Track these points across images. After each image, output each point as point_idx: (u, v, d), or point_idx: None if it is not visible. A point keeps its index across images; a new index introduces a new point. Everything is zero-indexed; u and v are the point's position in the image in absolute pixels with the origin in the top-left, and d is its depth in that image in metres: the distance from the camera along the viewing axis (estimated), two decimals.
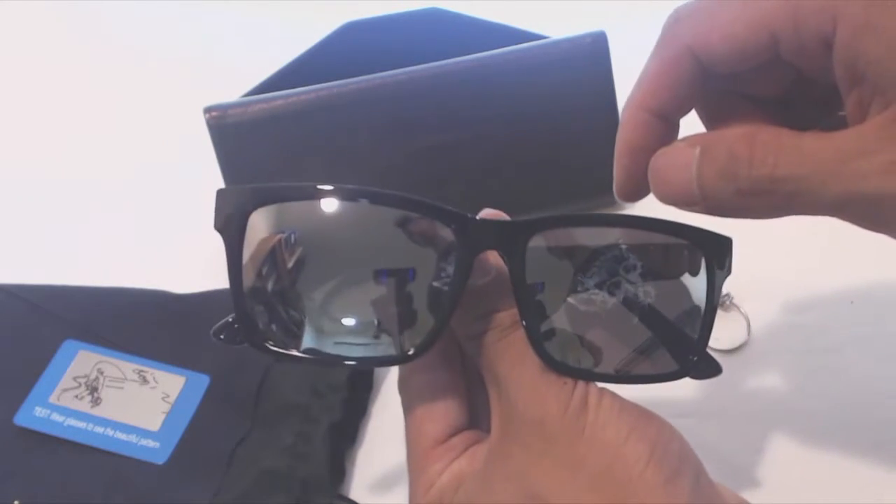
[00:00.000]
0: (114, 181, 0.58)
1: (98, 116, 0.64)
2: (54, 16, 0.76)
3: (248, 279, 0.28)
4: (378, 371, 0.45)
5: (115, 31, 0.74)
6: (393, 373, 0.45)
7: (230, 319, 0.28)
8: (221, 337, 0.29)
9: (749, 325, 0.45)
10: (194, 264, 0.51)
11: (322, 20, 0.58)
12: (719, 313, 0.38)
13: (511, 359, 0.29)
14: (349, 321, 0.29)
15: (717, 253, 0.29)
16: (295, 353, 0.29)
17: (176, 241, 0.53)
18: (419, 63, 0.50)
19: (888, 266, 0.47)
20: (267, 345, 0.28)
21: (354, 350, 0.29)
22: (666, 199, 0.28)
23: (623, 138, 0.29)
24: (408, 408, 0.32)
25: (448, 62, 0.50)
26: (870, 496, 0.38)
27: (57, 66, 0.70)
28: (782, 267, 0.48)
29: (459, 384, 0.32)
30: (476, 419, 0.32)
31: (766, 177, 0.25)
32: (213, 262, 0.51)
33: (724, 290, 0.37)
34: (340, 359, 0.29)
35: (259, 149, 0.48)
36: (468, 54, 0.50)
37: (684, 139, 0.28)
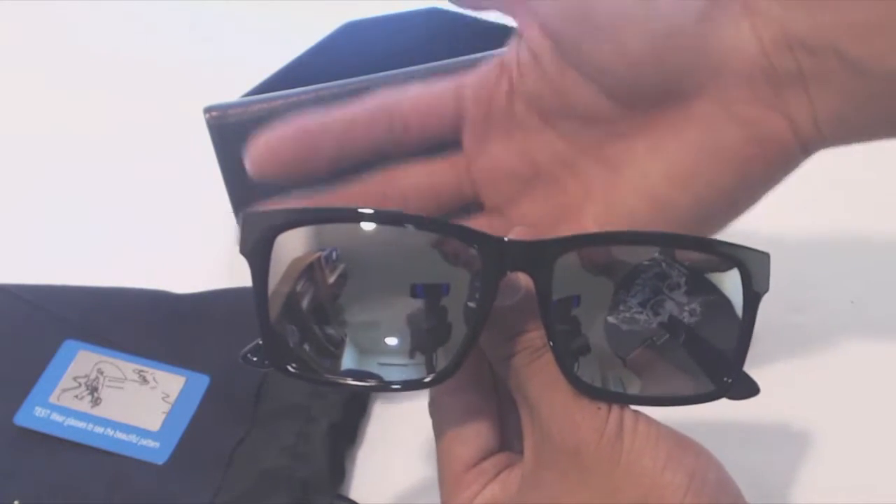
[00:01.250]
0: (114, 181, 0.58)
1: (98, 116, 0.64)
2: (54, 16, 0.76)
3: (275, 302, 0.28)
4: None
5: (115, 31, 0.74)
6: None
7: (259, 342, 0.28)
8: (253, 359, 0.28)
9: None
10: (194, 264, 0.51)
11: (322, 20, 0.58)
12: None
13: (542, 382, 0.28)
14: (378, 345, 0.29)
15: (754, 269, 0.28)
16: (318, 376, 0.29)
17: (176, 241, 0.53)
18: (419, 63, 0.50)
19: (888, 266, 0.47)
20: (289, 367, 0.28)
21: (384, 372, 0.29)
22: None
23: None
24: (438, 431, 0.31)
25: (448, 62, 0.50)
26: (870, 496, 0.38)
27: (57, 67, 0.70)
28: (782, 267, 0.48)
29: (491, 406, 0.31)
30: (509, 441, 0.32)
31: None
32: (214, 262, 0.51)
33: None
34: (366, 384, 0.29)
35: None
36: (468, 54, 0.50)
37: None
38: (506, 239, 0.27)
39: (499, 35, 0.54)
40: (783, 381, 0.43)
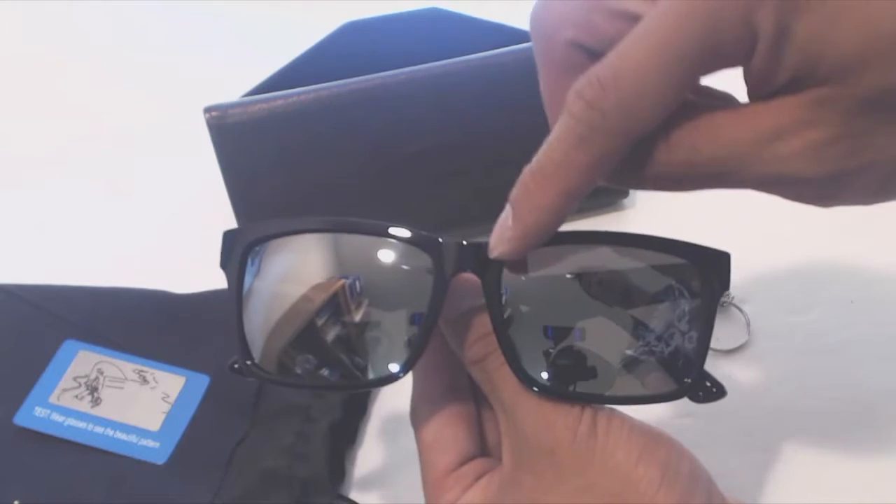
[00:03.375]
0: (114, 181, 0.58)
1: (98, 116, 0.64)
2: (54, 16, 0.76)
3: (250, 311, 0.29)
4: None
5: (115, 31, 0.74)
6: None
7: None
8: (236, 367, 0.30)
9: (749, 325, 0.45)
10: (194, 264, 0.51)
11: (322, 20, 0.58)
12: (719, 313, 0.38)
13: (515, 384, 0.28)
14: (342, 348, 0.30)
15: (715, 270, 0.28)
16: (285, 378, 0.30)
17: (176, 241, 0.53)
18: (419, 63, 0.50)
19: (888, 266, 0.47)
20: (262, 372, 0.29)
21: (346, 374, 0.30)
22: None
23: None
24: (419, 438, 0.31)
25: (448, 62, 0.50)
26: (871, 496, 0.38)
27: (56, 66, 0.70)
28: (782, 267, 0.48)
29: (469, 413, 0.32)
30: (488, 447, 0.32)
31: (683, 161, 0.24)
32: (214, 262, 0.51)
33: None
34: (330, 383, 0.31)
35: (259, 149, 0.48)
36: (468, 54, 0.50)
37: None
38: (441, 240, 0.28)
39: (498, 35, 0.54)
40: (783, 382, 0.43)
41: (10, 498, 0.38)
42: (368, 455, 0.42)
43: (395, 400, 0.44)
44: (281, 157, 0.49)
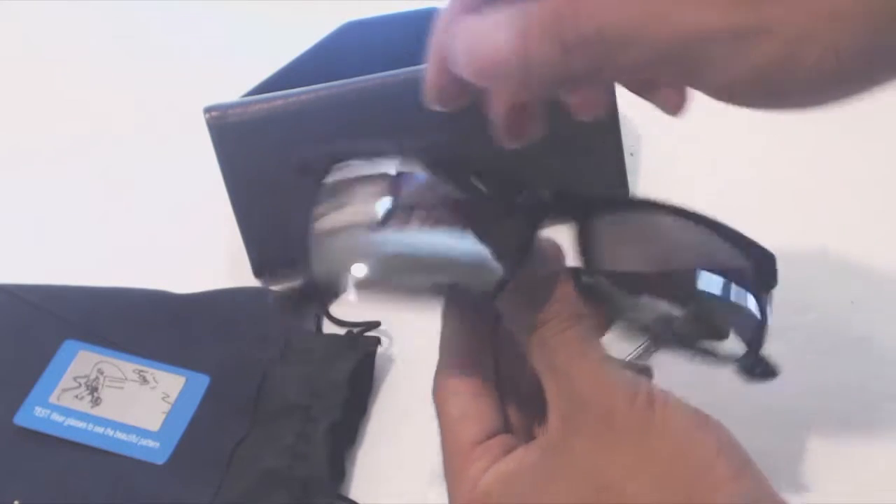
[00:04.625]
0: (114, 181, 0.58)
1: (98, 116, 0.64)
2: (54, 16, 0.76)
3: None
4: (378, 371, 0.45)
5: (115, 31, 0.74)
6: (392, 374, 0.45)
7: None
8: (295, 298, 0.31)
9: None
10: (195, 264, 0.51)
11: (322, 20, 0.58)
12: None
13: (572, 351, 0.28)
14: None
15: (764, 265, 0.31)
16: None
17: (176, 241, 0.53)
18: (419, 63, 0.49)
19: (888, 266, 0.47)
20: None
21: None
22: (476, 70, 0.26)
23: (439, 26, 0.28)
24: (443, 410, 0.31)
25: None
26: (871, 496, 0.38)
27: (56, 66, 0.70)
28: (782, 267, 0.48)
29: (493, 393, 0.31)
30: (511, 428, 0.32)
31: (593, 29, 0.24)
32: (214, 262, 0.51)
33: None
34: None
35: (259, 149, 0.48)
36: None
37: (494, 10, 0.26)
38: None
39: None
40: (783, 382, 0.43)
41: (10, 498, 0.38)
42: (368, 455, 0.42)
43: (395, 400, 0.44)
44: (281, 157, 0.49)
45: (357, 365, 0.42)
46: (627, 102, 0.51)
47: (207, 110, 0.48)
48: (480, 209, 0.29)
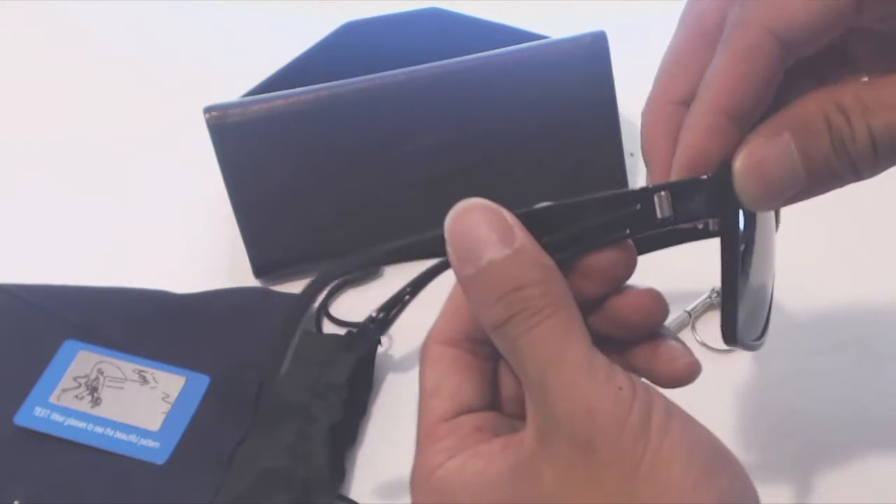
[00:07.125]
0: (114, 181, 0.58)
1: (98, 116, 0.64)
2: (54, 16, 0.76)
3: None
4: (378, 371, 0.45)
5: (115, 31, 0.74)
6: (392, 374, 0.45)
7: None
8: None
9: None
10: (194, 264, 0.51)
11: (322, 20, 0.58)
12: (717, 313, 0.38)
13: (546, 354, 0.22)
14: None
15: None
16: None
17: (176, 241, 0.53)
18: (419, 63, 0.50)
19: (888, 266, 0.47)
20: None
21: None
22: (768, 200, 0.24)
23: (690, 145, 0.24)
24: (421, 381, 0.27)
25: (448, 62, 0.50)
26: (871, 496, 0.38)
27: (57, 67, 0.70)
28: (781, 267, 0.48)
29: (482, 368, 0.27)
30: (500, 401, 0.28)
31: (866, 135, 0.22)
32: (214, 262, 0.51)
33: None
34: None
35: (259, 149, 0.48)
36: (468, 54, 0.50)
37: (755, 133, 0.24)
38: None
39: (498, 35, 0.54)
40: (783, 382, 0.43)
41: (10, 498, 0.38)
42: (368, 455, 0.42)
43: (395, 400, 0.44)
44: (281, 157, 0.49)
45: (357, 365, 0.42)
46: (627, 102, 0.51)
47: (207, 110, 0.48)
48: None
